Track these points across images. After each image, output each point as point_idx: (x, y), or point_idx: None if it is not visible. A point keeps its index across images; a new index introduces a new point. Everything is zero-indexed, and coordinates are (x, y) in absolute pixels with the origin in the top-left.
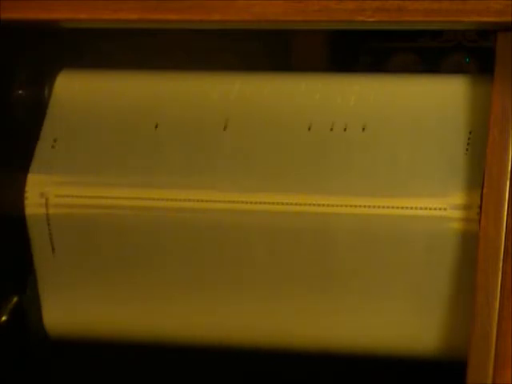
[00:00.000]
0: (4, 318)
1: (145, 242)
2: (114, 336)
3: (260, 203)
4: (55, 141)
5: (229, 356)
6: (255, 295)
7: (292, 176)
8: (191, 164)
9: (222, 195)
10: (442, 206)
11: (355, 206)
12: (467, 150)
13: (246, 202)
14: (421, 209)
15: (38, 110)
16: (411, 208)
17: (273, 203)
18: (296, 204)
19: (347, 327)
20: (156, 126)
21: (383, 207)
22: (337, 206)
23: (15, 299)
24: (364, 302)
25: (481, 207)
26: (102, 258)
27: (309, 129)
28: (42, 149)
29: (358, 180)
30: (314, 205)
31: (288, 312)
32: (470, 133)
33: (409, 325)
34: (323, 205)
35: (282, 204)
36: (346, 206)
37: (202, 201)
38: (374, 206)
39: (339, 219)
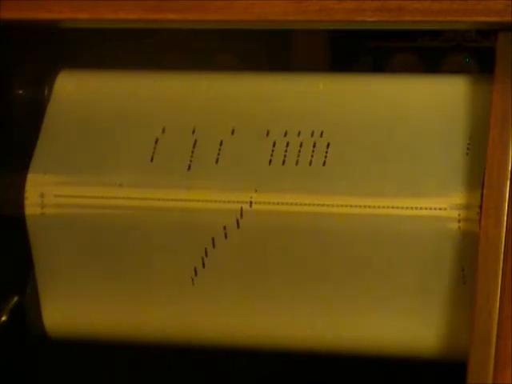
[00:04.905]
0: (4, 318)
1: (145, 242)
2: (114, 336)
3: (259, 203)
4: (55, 141)
5: (230, 356)
6: (255, 295)
7: (292, 176)
8: (191, 164)
9: (221, 195)
10: (442, 206)
11: (355, 206)
12: (467, 150)
13: (245, 202)
14: (421, 209)
15: (38, 109)
16: (411, 208)
17: (273, 203)
18: (296, 204)
19: (347, 327)
20: (156, 126)
21: (383, 207)
22: (337, 206)
23: (15, 299)
24: (364, 302)
25: (481, 207)
26: (101, 258)
27: (308, 128)
28: (42, 149)
29: (358, 180)
30: (313, 205)
31: (287, 312)
32: (470, 133)
33: (409, 325)
34: (323, 205)
35: (282, 204)
36: (346, 205)
37: (203, 201)
38: (373, 206)
39: (339, 219)
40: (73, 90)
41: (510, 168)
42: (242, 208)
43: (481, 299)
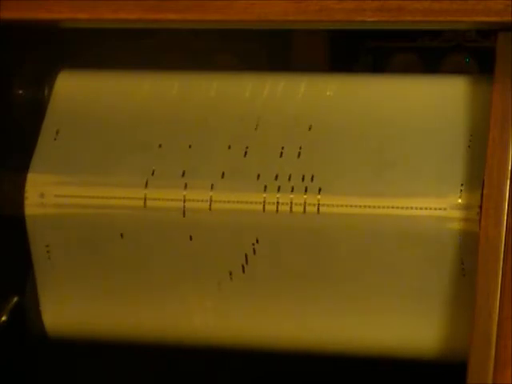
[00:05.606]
0: (4, 318)
1: (145, 241)
2: (114, 336)
3: (260, 203)
4: (55, 140)
5: (228, 356)
6: (254, 295)
7: (292, 176)
8: (190, 164)
9: (220, 195)
10: (442, 206)
11: (355, 206)
12: (467, 150)
13: (244, 202)
14: (421, 209)
15: (38, 109)
16: (411, 208)
17: (273, 203)
18: (295, 204)
19: (347, 328)
20: (156, 126)
21: (383, 207)
22: (337, 205)
23: (15, 299)
24: (364, 302)
25: (481, 207)
26: (101, 258)
27: (309, 129)
28: (42, 149)
29: (358, 180)
30: (313, 205)
31: (288, 312)
32: (470, 133)
33: (409, 325)
34: (323, 205)
35: (282, 204)
36: (346, 205)
37: (203, 201)
38: (373, 206)
39: (339, 219)
40: (73, 90)
41: (510, 168)
42: (239, 208)
43: (481, 299)
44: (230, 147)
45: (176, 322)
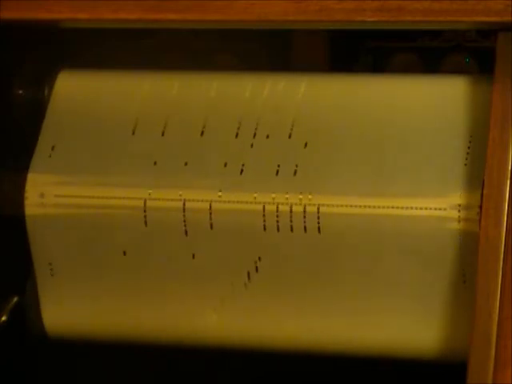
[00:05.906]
0: (4, 318)
1: (145, 242)
2: (114, 336)
3: (260, 203)
4: (55, 141)
5: (228, 356)
6: (255, 297)
7: (292, 176)
8: (190, 164)
9: (221, 195)
10: (442, 206)
11: (355, 206)
12: (467, 150)
13: (245, 202)
14: (421, 209)
15: (38, 110)
16: (411, 208)
17: (273, 203)
18: (295, 204)
19: (347, 328)
20: (156, 126)
21: (383, 207)
22: (337, 205)
23: (15, 299)
24: (364, 302)
25: (481, 207)
26: (101, 258)
27: (307, 141)
28: (42, 149)
29: (357, 180)
30: (313, 205)
31: (288, 313)
32: (470, 133)
33: (409, 325)
34: (323, 205)
35: (282, 204)
36: (346, 205)
37: (203, 201)
38: (373, 206)
39: (339, 219)
40: (73, 90)
41: (510, 168)
42: (239, 208)
43: (481, 299)
44: (226, 165)
45: (176, 322)
